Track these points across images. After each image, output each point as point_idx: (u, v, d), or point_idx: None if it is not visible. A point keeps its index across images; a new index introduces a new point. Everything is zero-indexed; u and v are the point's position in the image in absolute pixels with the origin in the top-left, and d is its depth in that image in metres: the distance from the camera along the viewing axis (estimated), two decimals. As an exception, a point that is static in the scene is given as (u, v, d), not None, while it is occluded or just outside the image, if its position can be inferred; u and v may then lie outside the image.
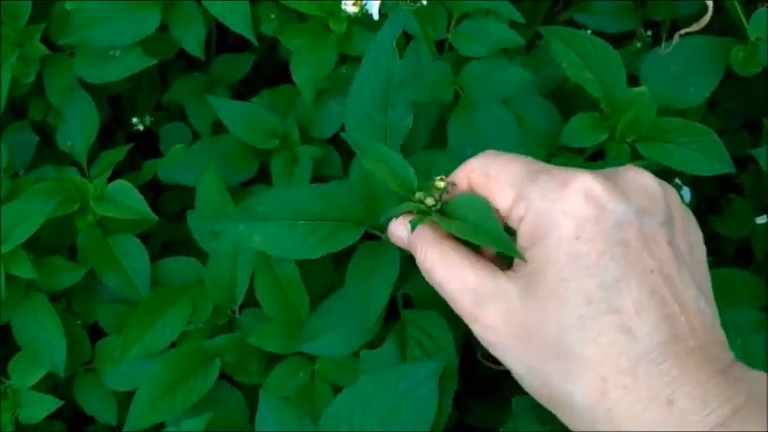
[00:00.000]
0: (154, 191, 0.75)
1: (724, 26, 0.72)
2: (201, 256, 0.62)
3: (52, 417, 0.67)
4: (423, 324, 0.53)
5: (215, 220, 0.50)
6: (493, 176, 0.39)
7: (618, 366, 0.34)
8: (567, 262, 0.35)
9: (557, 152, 0.60)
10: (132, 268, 0.62)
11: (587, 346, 0.34)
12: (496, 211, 0.39)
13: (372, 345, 0.53)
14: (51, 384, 0.65)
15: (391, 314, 0.55)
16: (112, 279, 0.62)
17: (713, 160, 0.58)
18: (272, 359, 0.60)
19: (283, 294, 0.58)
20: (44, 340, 0.61)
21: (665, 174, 0.71)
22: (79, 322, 0.65)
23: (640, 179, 0.38)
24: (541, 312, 0.36)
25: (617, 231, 0.35)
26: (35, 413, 0.60)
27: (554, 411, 0.37)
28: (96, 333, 0.66)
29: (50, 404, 0.59)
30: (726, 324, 0.39)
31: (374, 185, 0.48)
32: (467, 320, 0.39)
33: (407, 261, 0.55)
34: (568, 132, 0.59)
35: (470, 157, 0.43)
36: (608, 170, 0.39)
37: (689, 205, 0.77)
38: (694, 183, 0.77)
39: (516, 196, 0.38)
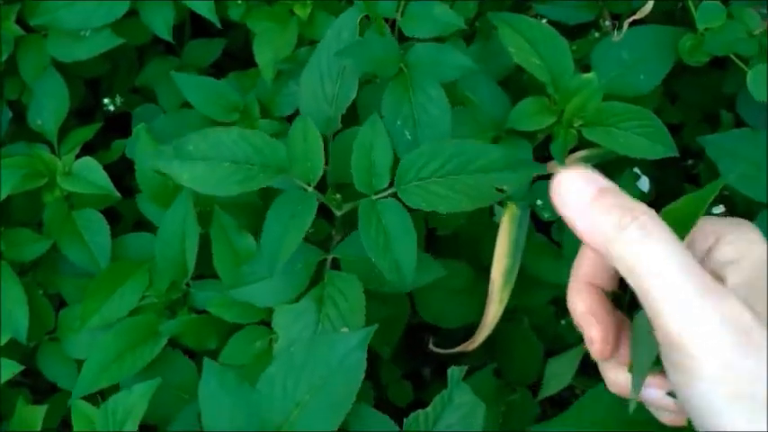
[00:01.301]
0: (128, 174, 0.77)
1: (684, 18, 0.74)
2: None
3: (17, 385, 0.70)
4: (342, 286, 0.55)
5: (154, 158, 0.52)
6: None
7: None
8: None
9: (504, 136, 0.61)
10: (94, 242, 0.64)
11: None
12: None
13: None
14: (17, 353, 0.66)
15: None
16: (74, 252, 0.64)
17: (657, 144, 0.59)
18: (230, 332, 0.62)
19: (240, 265, 0.59)
20: (7, 309, 0.62)
21: (621, 163, 0.73)
22: (42, 293, 0.66)
23: None
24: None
25: None
26: (-3, 377, 0.61)
27: None
28: (62, 305, 0.68)
29: (12, 368, 0.61)
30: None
31: (311, 143, 0.51)
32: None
33: (345, 224, 0.57)
34: (516, 115, 0.60)
35: (402, 128, 0.43)
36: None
37: (648, 195, 0.79)
38: (655, 174, 0.78)
39: (700, 227, 0.37)
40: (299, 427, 0.50)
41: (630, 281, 0.34)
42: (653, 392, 0.38)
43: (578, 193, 0.35)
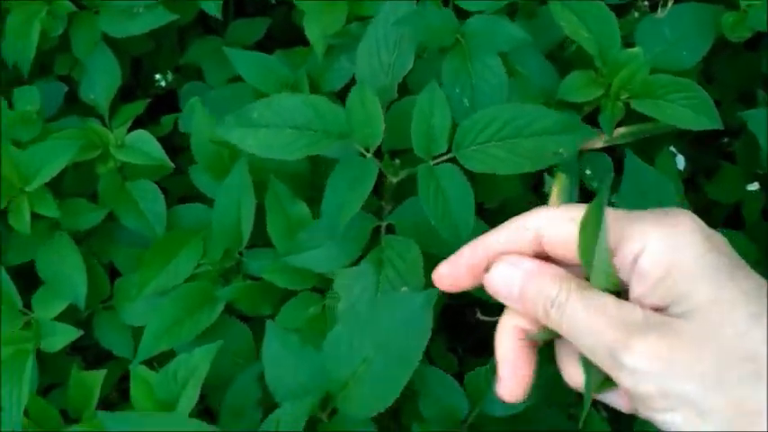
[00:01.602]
0: (173, 152, 0.78)
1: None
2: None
3: (71, 351, 0.71)
4: (399, 248, 0.56)
5: (217, 126, 0.53)
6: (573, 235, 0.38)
7: None
8: (714, 272, 0.36)
9: (554, 107, 0.62)
10: (149, 210, 0.65)
11: None
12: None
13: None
14: (72, 322, 0.68)
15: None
16: (131, 220, 0.65)
17: (702, 116, 0.60)
18: (283, 300, 0.63)
19: (294, 232, 0.60)
20: (66, 275, 0.64)
21: (658, 141, 0.74)
22: (96, 262, 0.68)
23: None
24: (710, 322, 0.35)
25: (729, 249, 0.37)
26: (56, 342, 0.62)
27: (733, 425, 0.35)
28: (113, 275, 0.69)
29: (71, 333, 0.62)
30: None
31: (370, 109, 0.52)
32: (613, 355, 0.36)
33: (399, 186, 0.58)
34: (566, 87, 0.61)
35: (460, 95, 0.44)
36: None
37: (683, 173, 0.80)
38: (690, 152, 0.79)
39: (620, 236, 0.38)
40: (365, 382, 0.51)
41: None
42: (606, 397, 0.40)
43: (507, 286, 0.41)
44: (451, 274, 0.43)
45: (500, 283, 0.41)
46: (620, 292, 0.38)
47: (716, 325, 0.35)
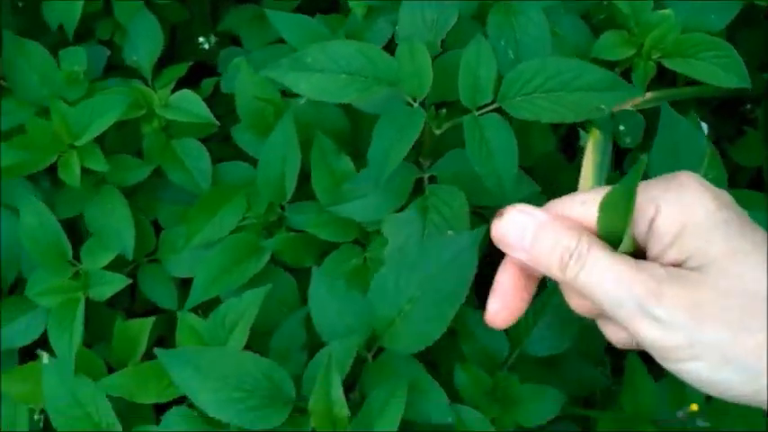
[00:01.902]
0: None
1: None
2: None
3: (114, 305, 0.73)
4: (443, 196, 0.58)
5: (269, 70, 0.55)
6: (592, 205, 0.40)
7: None
8: (725, 227, 0.38)
9: (589, 65, 0.64)
10: (195, 167, 0.67)
11: None
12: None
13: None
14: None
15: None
16: (177, 175, 0.67)
17: (731, 74, 0.62)
18: (325, 253, 0.65)
19: (338, 186, 0.62)
20: (114, 227, 0.66)
21: (681, 108, 0.77)
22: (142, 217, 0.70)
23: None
24: (728, 271, 0.37)
25: (735, 204, 0.39)
26: (104, 291, 0.64)
27: (764, 377, 0.36)
28: (157, 233, 0.71)
29: (119, 281, 0.64)
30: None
31: (419, 61, 0.54)
32: (643, 306, 0.37)
33: (439, 140, 0.60)
34: (599, 46, 0.63)
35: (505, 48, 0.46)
36: None
37: (707, 139, 0.82)
38: (713, 120, 0.81)
39: (656, 210, 0.39)
40: (411, 320, 0.53)
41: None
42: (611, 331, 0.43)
43: (519, 233, 0.41)
44: (504, 310, 0.44)
45: (511, 231, 0.42)
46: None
47: (734, 274, 0.37)
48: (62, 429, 0.62)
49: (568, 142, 0.75)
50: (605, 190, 0.41)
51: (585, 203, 0.41)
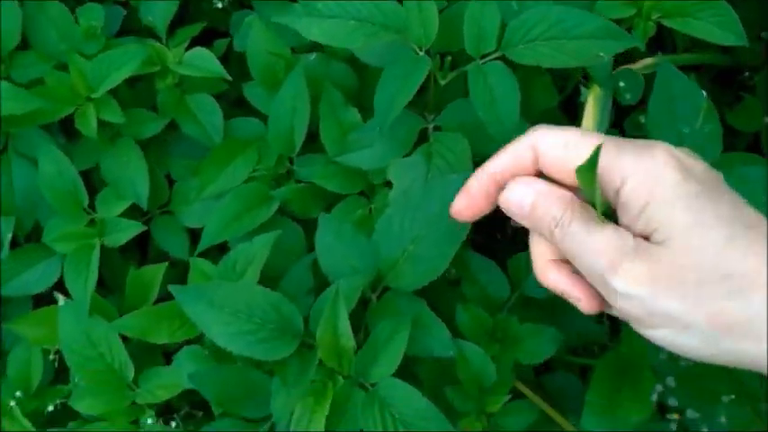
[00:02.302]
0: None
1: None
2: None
3: (128, 259, 0.75)
4: (447, 142, 0.60)
5: (282, 15, 0.57)
6: (574, 150, 0.42)
7: None
8: (691, 199, 0.39)
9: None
10: (207, 121, 0.69)
11: (747, 259, 0.38)
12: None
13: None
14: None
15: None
16: (190, 128, 0.69)
17: (729, 33, 0.63)
18: (332, 204, 0.67)
19: (346, 137, 0.64)
20: (129, 177, 0.68)
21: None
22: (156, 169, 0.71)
23: (682, 150, 0.42)
24: (689, 245, 0.38)
25: (705, 174, 0.40)
26: (119, 238, 0.66)
27: (720, 342, 0.38)
28: (169, 186, 0.73)
29: (134, 227, 0.66)
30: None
31: (425, 11, 0.56)
32: (604, 278, 0.40)
33: (443, 93, 0.62)
34: (600, 6, 0.65)
35: None
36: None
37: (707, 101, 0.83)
38: (713, 87, 0.83)
39: (602, 170, 0.40)
40: (415, 259, 0.55)
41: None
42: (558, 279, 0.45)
43: (519, 203, 0.44)
44: (468, 205, 0.47)
45: (513, 201, 0.44)
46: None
47: (694, 248, 0.38)
48: (76, 368, 0.64)
49: (570, 104, 0.77)
50: (588, 136, 0.42)
51: (567, 146, 0.42)
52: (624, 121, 0.74)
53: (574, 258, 0.42)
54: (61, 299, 0.65)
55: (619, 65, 0.72)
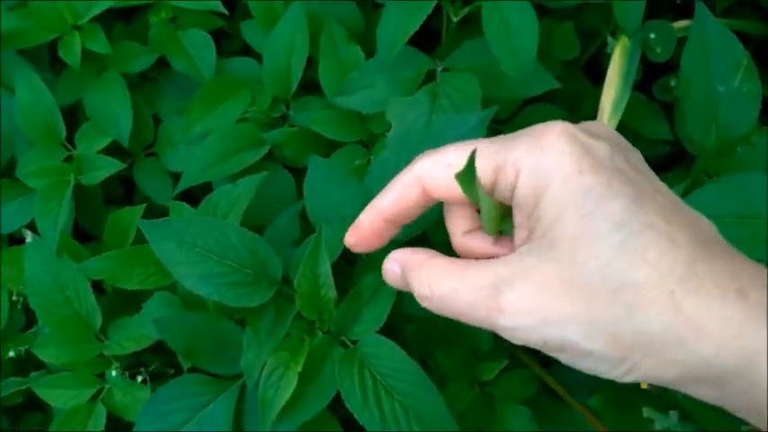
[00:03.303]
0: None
1: None
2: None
3: (109, 202, 0.69)
4: (455, 82, 0.53)
5: None
6: (458, 168, 0.36)
7: (677, 275, 0.32)
8: (581, 198, 0.33)
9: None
10: (199, 56, 0.64)
11: (639, 269, 0.32)
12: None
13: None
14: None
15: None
16: (180, 64, 0.64)
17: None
18: (328, 153, 0.61)
19: (346, 76, 0.58)
20: (112, 111, 0.62)
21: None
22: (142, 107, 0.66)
23: (599, 124, 0.38)
24: (575, 260, 0.33)
25: (611, 161, 0.34)
26: (97, 175, 0.61)
27: (625, 364, 0.33)
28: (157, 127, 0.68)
29: (112, 166, 0.60)
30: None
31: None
32: (491, 322, 0.35)
33: (456, 38, 0.56)
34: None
35: None
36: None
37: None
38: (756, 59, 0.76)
39: (497, 167, 0.36)
40: None
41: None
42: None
43: (394, 281, 0.42)
44: (359, 243, 0.43)
45: (389, 279, 0.42)
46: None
47: (580, 262, 0.33)
48: (40, 313, 0.58)
49: (594, 65, 0.70)
50: (469, 146, 0.37)
51: (452, 167, 0.38)
52: (652, 85, 0.67)
53: (460, 319, 0.37)
54: (29, 236, 0.60)
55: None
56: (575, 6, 0.66)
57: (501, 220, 0.38)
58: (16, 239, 0.66)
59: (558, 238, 0.33)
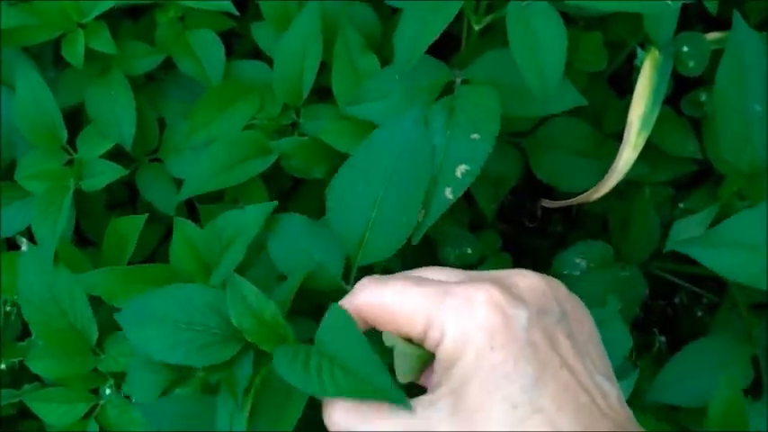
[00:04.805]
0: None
1: None
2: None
3: (111, 207, 0.66)
4: (473, 97, 0.49)
5: None
6: (394, 307, 0.38)
7: None
8: (487, 374, 0.35)
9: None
10: (207, 58, 0.60)
11: None
12: (409, 338, 0.39)
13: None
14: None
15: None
16: (187, 65, 0.60)
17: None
18: (338, 165, 0.57)
19: (360, 85, 0.54)
20: (115, 114, 0.58)
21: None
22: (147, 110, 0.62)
23: (531, 281, 0.38)
24: (472, 428, 0.35)
25: (525, 334, 0.36)
26: (98, 181, 0.57)
27: None
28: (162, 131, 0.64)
29: (114, 172, 0.57)
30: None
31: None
32: None
33: (478, 47, 0.52)
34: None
35: None
36: (500, 275, 0.39)
37: None
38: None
39: (427, 322, 0.37)
40: (382, 225, 0.47)
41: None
42: None
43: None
44: None
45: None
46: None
47: None
48: (34, 325, 0.55)
49: (617, 77, 0.66)
50: (413, 283, 0.38)
51: (387, 308, 0.39)
52: (680, 100, 0.63)
53: None
54: (24, 243, 0.56)
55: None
56: (600, 16, 0.62)
57: (417, 371, 0.39)
58: (16, 245, 0.62)
59: (461, 405, 0.35)
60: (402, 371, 0.39)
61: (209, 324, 0.44)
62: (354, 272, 0.48)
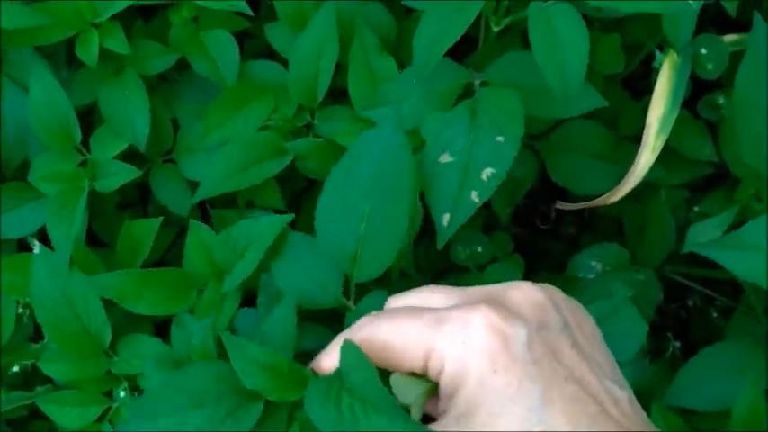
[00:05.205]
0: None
1: None
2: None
3: (123, 207, 0.65)
4: (495, 100, 0.49)
5: None
6: (393, 343, 0.38)
7: None
8: (492, 398, 0.35)
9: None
10: (221, 59, 0.59)
11: None
12: (412, 372, 0.38)
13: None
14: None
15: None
16: (201, 66, 0.59)
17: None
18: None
19: (376, 90, 0.53)
20: (129, 115, 0.57)
21: None
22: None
23: (526, 293, 0.38)
24: None
25: (527, 352, 0.35)
26: (112, 182, 0.56)
27: None
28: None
29: (128, 173, 0.56)
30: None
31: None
32: None
33: (496, 48, 0.51)
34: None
35: None
36: (495, 291, 0.38)
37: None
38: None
39: (426, 353, 0.37)
40: (372, 239, 0.46)
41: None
42: None
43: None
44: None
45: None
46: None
47: None
48: (47, 328, 0.54)
49: (632, 80, 0.65)
50: (407, 316, 0.38)
51: (385, 345, 0.38)
52: (698, 103, 0.62)
53: None
54: (37, 245, 0.55)
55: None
56: (617, 18, 0.61)
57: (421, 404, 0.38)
58: (27, 246, 0.61)
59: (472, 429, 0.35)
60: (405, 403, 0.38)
61: (223, 394, 0.43)
62: (353, 288, 0.47)
